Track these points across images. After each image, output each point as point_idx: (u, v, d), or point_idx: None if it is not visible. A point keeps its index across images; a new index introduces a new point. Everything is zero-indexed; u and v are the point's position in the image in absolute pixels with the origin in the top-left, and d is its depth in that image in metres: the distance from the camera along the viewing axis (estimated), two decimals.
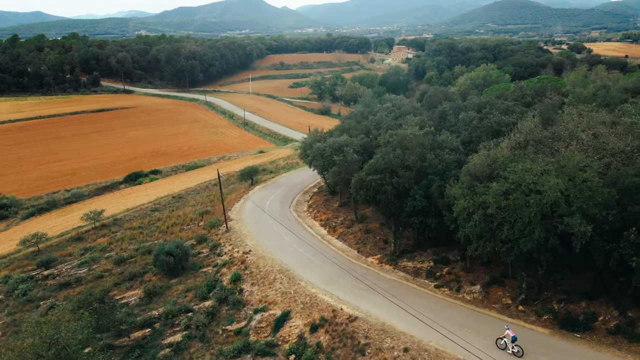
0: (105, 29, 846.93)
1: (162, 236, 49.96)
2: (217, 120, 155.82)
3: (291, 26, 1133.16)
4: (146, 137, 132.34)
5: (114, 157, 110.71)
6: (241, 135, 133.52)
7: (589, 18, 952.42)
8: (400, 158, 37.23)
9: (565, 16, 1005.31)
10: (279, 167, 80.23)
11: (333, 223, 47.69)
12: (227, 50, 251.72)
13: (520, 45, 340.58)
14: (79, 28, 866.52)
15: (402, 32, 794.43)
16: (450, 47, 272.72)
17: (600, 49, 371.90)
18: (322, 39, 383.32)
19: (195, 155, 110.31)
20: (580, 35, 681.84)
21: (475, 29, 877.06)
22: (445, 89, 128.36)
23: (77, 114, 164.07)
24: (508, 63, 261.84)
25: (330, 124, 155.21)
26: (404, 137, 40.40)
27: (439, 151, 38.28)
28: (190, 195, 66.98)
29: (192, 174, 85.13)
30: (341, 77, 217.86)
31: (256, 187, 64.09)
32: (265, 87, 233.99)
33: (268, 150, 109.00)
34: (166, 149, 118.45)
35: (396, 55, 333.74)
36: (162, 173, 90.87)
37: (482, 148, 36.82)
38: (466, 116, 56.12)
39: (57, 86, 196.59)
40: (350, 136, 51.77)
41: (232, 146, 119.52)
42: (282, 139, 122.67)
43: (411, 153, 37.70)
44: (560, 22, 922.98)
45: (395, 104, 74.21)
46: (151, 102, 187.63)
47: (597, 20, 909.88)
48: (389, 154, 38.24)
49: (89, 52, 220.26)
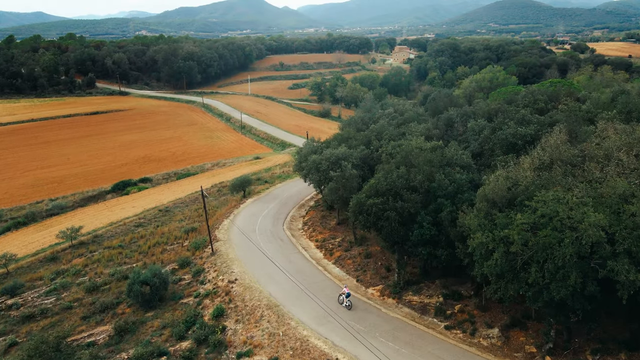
0: (106, 29, 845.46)
1: (142, 258, 45.30)
2: (213, 124, 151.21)
3: (292, 26, 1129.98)
4: (140, 142, 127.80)
5: (105, 163, 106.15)
6: (238, 139, 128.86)
7: (591, 18, 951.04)
8: (404, 178, 32.47)
9: (567, 16, 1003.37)
10: (274, 176, 75.56)
11: (330, 245, 42.96)
12: (225, 51, 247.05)
13: (523, 46, 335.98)
14: (80, 28, 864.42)
15: (404, 32, 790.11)
16: (452, 47, 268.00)
17: (604, 48, 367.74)
18: (323, 39, 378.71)
19: (189, 161, 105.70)
20: (582, 35, 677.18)
21: (476, 29, 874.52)
22: (449, 91, 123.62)
23: (70, 117, 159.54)
24: (512, 63, 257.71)
25: (330, 127, 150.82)
26: (408, 152, 35.68)
27: (448, 169, 33.48)
28: (178, 208, 62.35)
29: (183, 183, 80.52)
30: (342, 78, 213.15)
31: (248, 200, 59.41)
32: (264, 89, 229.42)
33: (265, 156, 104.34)
34: (159, 154, 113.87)
35: (398, 56, 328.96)
36: (153, 181, 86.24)
37: (499, 166, 32.13)
38: (475, 125, 51.41)
39: (51, 88, 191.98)
40: (349, 147, 47.11)
41: (228, 151, 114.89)
42: (280, 144, 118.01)
43: (417, 172, 32.95)
44: (562, 21, 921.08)
45: (398, 109, 69.52)
46: (147, 104, 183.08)
47: (599, 20, 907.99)
48: (392, 172, 33.49)
49: (85, 53, 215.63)
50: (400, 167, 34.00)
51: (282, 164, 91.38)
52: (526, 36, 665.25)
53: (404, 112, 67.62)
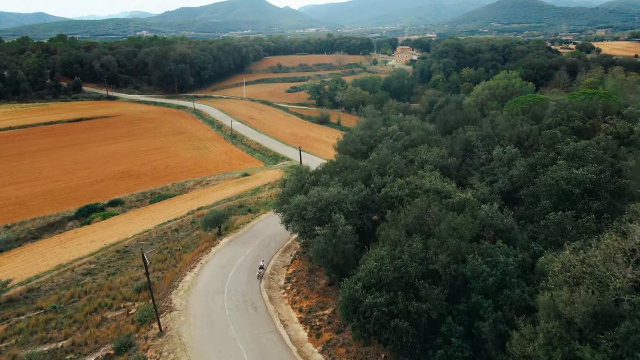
0: (106, 30, 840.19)
1: (73, 332, 34.88)
2: (203, 132, 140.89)
3: (293, 26, 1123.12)
4: (121, 153, 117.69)
5: (79, 179, 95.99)
6: (227, 150, 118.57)
7: (594, 17, 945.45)
8: (420, 258, 22.07)
9: (570, 15, 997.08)
10: (259, 202, 65.21)
11: (317, 320, 32.40)
12: (220, 53, 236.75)
13: (528, 46, 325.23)
14: (81, 29, 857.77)
15: (405, 32, 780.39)
16: (457, 48, 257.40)
17: (609, 48, 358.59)
18: (323, 39, 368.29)
19: (171, 177, 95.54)
20: (586, 34, 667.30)
21: (479, 28, 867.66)
22: (457, 98, 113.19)
23: (51, 124, 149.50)
24: (519, 65, 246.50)
25: (328, 136, 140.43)
26: (423, 210, 25.21)
27: (486, 245, 22.91)
28: (141, 246, 52.04)
29: (156, 208, 70.26)
30: (341, 81, 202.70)
31: (224, 240, 49.11)
32: (260, 92, 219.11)
33: (254, 171, 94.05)
34: (140, 168, 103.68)
35: (400, 57, 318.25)
36: (125, 204, 76.03)
37: (567, 248, 21.08)
38: (503, 154, 40.98)
39: (34, 92, 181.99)
40: (344, 184, 36.76)
41: (215, 165, 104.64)
42: (272, 157, 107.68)
43: (439, 246, 22.55)
44: (565, 21, 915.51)
45: (404, 126, 59.10)
46: (135, 110, 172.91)
47: (602, 19, 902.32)
48: (402, 248, 23.04)
49: (72, 56, 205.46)
50: (413, 237, 23.53)
51: (272, 183, 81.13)
52: (529, 35, 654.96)
53: (411, 129, 57.24)
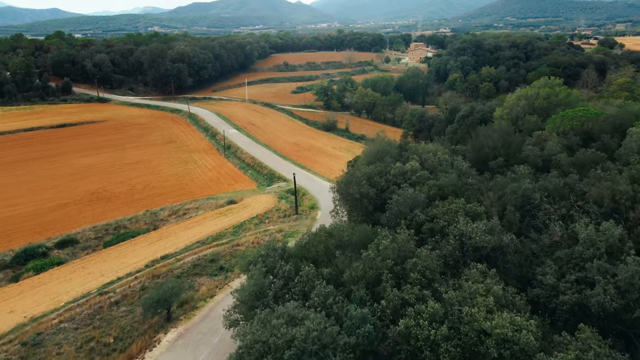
0: (118, 26, 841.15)
1: None
2: (195, 141, 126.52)
3: (305, 21, 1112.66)
4: (99, 167, 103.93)
5: (40, 203, 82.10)
6: (218, 165, 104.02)
7: (613, 10, 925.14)
8: None
9: (588, 9, 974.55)
10: (237, 254, 50.36)
11: None
12: (222, 51, 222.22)
13: (549, 41, 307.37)
14: (93, 24, 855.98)
15: (418, 27, 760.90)
16: (475, 45, 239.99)
17: (632, 43, 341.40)
18: (333, 36, 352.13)
19: (147, 202, 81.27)
20: (605, 29, 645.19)
21: (493, 23, 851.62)
22: (485, 107, 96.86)
23: (31, 130, 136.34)
24: (543, 63, 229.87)
25: (334, 146, 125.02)
26: None
27: None
28: (62, 333, 37.58)
29: (110, 255, 55.82)
30: (351, 81, 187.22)
31: (169, 333, 34.40)
32: (264, 93, 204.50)
33: (243, 196, 79.29)
34: (115, 188, 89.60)
35: (414, 54, 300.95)
36: (78, 244, 61.79)
37: None
38: (596, 234, 25.51)
39: (20, 95, 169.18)
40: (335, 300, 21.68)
41: (201, 185, 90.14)
42: (267, 175, 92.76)
43: None
44: (582, 15, 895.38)
45: (426, 159, 43.70)
46: (126, 113, 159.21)
47: (621, 13, 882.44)
48: None
49: (63, 54, 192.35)
50: None
51: (261, 216, 66.43)
52: (545, 30, 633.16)
53: (434, 168, 41.95)
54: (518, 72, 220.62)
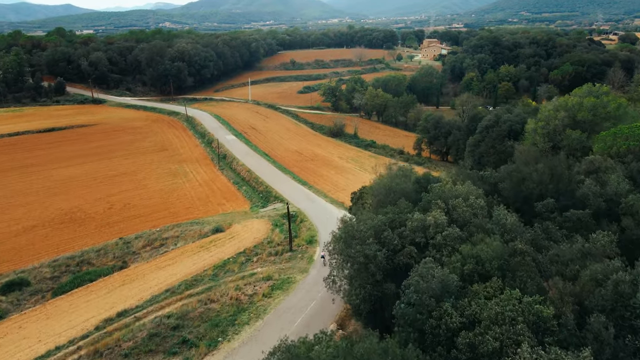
0: (130, 22, 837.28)
1: None
2: (188, 149, 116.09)
3: (316, 17, 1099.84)
4: (80, 179, 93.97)
5: (4, 225, 72.06)
6: (210, 179, 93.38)
7: (631, 5, 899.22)
8: None
9: (605, 3, 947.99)
10: (209, 311, 39.57)
11: None
12: (226, 48, 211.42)
13: (568, 37, 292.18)
14: (105, 20, 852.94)
15: (431, 22, 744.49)
16: (493, 42, 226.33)
17: None
18: (343, 32, 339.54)
19: (123, 225, 71.02)
20: (623, 24, 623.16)
21: (508, 18, 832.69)
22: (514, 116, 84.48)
23: (16, 135, 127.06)
24: (565, 61, 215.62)
25: (341, 155, 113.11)
26: None
27: None
28: None
29: (59, 309, 45.49)
30: (361, 81, 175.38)
31: None
32: (269, 93, 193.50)
33: (232, 221, 68.55)
34: (91, 206, 79.38)
35: (427, 51, 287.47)
36: (28, 287, 51.47)
37: None
38: None
39: (11, 95, 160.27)
40: None
41: (187, 205, 79.54)
42: (263, 194, 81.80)
43: None
44: (599, 9, 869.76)
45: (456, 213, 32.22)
46: (120, 116, 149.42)
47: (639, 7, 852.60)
48: None
49: (58, 52, 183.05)
50: None
51: (249, 252, 55.61)
52: (561, 25, 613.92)
53: (466, 221, 30.69)
54: (539, 71, 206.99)
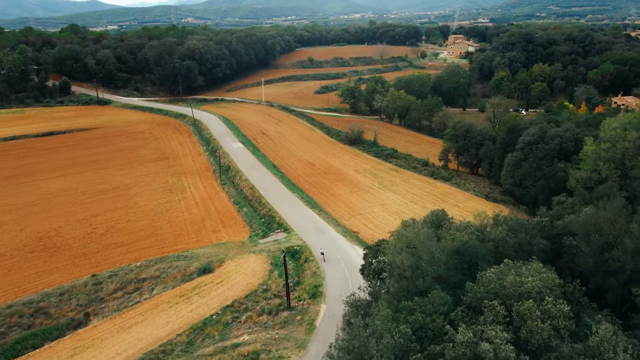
0: (153, 17, 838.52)
1: None
2: (191, 159, 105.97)
3: (338, 12, 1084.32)
4: (68, 193, 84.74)
5: None
6: (209, 196, 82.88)
7: None
8: None
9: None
10: None
11: None
12: (240, 46, 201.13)
13: (603, 33, 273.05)
14: (129, 16, 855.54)
15: (455, 17, 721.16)
16: (525, 39, 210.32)
17: None
18: (364, 27, 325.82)
19: (100, 257, 61.13)
20: None
21: (535, 12, 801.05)
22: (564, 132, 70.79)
23: (12, 140, 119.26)
24: (605, 59, 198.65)
25: (358, 167, 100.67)
26: None
27: None
28: None
29: None
30: (382, 81, 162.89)
31: None
32: (284, 93, 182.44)
33: (225, 257, 57.71)
34: (71, 229, 69.82)
35: (453, 48, 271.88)
36: None
37: None
38: None
39: (14, 95, 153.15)
40: None
41: (178, 230, 69.11)
42: (265, 218, 70.71)
43: None
44: (632, 3, 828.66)
45: (526, 328, 20.40)
46: (124, 119, 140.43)
47: None
48: None
49: (65, 50, 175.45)
50: None
51: (238, 305, 44.69)
52: (592, 20, 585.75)
53: (544, 346, 18.66)
54: (576, 70, 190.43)
